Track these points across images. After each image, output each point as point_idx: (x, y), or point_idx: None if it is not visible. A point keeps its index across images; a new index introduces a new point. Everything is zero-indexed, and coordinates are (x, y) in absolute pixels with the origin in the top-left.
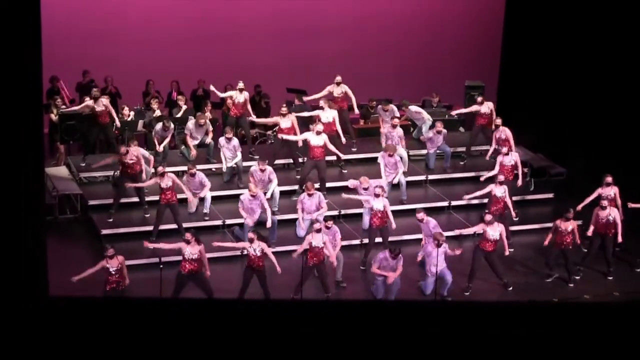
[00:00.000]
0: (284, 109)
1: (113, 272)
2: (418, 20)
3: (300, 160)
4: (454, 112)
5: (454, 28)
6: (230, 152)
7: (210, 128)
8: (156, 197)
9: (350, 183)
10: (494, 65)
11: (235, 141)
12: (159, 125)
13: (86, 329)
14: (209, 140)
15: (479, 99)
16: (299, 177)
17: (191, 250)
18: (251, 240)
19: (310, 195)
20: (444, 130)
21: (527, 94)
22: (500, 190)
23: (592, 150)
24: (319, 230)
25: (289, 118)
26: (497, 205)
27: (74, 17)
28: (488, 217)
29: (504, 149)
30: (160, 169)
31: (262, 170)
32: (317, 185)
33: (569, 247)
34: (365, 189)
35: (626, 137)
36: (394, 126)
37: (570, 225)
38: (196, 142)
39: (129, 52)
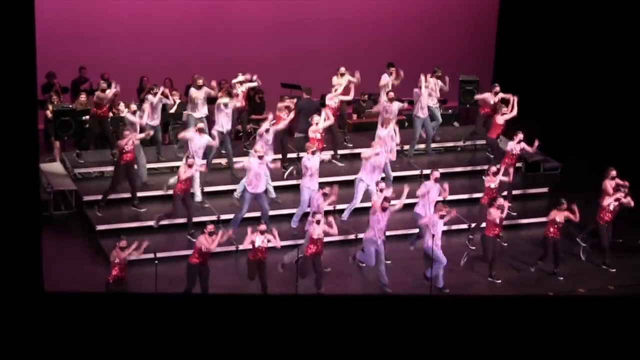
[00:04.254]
0: (284, 104)
1: (117, 263)
2: (412, 15)
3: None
4: (477, 97)
5: (448, 22)
6: (227, 117)
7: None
8: (156, 193)
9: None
10: (488, 60)
11: (231, 105)
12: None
13: (81, 324)
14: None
15: (497, 88)
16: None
17: (207, 243)
18: (262, 232)
19: (313, 153)
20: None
21: (521, 88)
22: (495, 182)
23: (587, 144)
24: (318, 222)
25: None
26: (490, 194)
27: (67, 15)
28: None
29: (519, 135)
30: (190, 160)
31: (267, 131)
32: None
33: (558, 238)
34: (377, 154)
35: (623, 131)
36: (391, 100)
37: (564, 216)
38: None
39: (123, 49)
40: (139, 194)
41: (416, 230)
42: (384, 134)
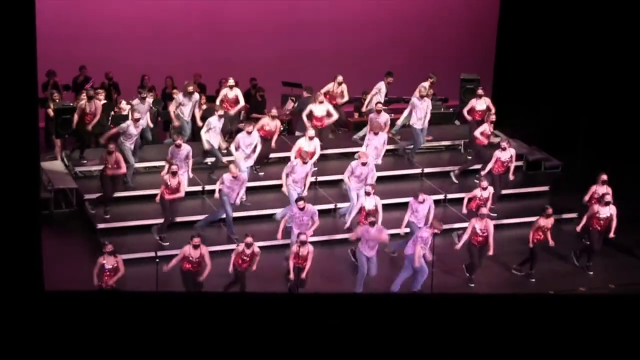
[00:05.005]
0: (274, 112)
1: (106, 270)
2: (412, 15)
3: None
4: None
5: (448, 22)
6: (218, 129)
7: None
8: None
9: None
10: (489, 58)
11: (222, 120)
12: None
13: (82, 323)
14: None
15: (480, 91)
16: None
17: (193, 253)
18: (249, 245)
19: (304, 163)
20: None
21: (523, 86)
22: (486, 193)
23: (588, 142)
24: (304, 243)
25: (276, 122)
26: (477, 202)
27: (68, 14)
28: (484, 210)
29: (503, 144)
30: (174, 167)
31: (249, 133)
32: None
33: (541, 243)
34: (364, 164)
35: (622, 129)
36: (378, 112)
37: (550, 223)
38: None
39: (123, 48)
40: (129, 194)
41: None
42: (375, 143)
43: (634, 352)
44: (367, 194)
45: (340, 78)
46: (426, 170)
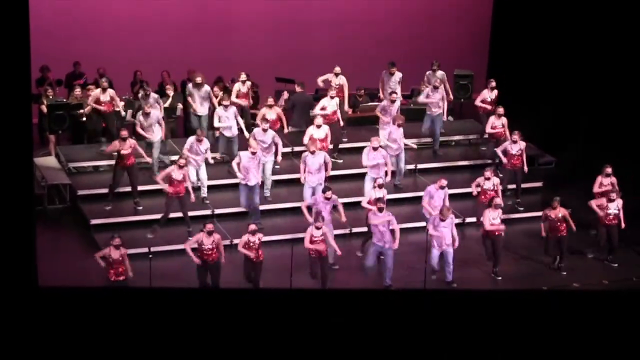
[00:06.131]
0: (271, 100)
1: (111, 261)
2: (408, 13)
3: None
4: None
5: (443, 18)
6: (228, 120)
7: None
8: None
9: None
10: (483, 54)
11: (232, 109)
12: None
13: (76, 319)
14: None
15: (493, 83)
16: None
17: (207, 241)
18: (253, 233)
19: (312, 153)
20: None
21: (516, 82)
22: (489, 184)
23: (583, 139)
24: (318, 228)
25: (275, 110)
26: (485, 196)
27: (62, 9)
28: (497, 201)
29: (515, 137)
30: (181, 161)
31: (265, 130)
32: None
33: (563, 235)
34: (375, 149)
35: (617, 126)
36: (392, 101)
37: (560, 213)
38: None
39: (121, 47)
40: (127, 189)
41: (414, 224)
42: (397, 135)
43: (627, 347)
44: (380, 186)
45: (337, 69)
46: (419, 166)
